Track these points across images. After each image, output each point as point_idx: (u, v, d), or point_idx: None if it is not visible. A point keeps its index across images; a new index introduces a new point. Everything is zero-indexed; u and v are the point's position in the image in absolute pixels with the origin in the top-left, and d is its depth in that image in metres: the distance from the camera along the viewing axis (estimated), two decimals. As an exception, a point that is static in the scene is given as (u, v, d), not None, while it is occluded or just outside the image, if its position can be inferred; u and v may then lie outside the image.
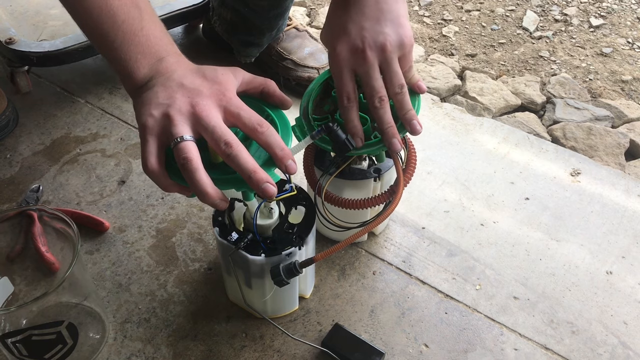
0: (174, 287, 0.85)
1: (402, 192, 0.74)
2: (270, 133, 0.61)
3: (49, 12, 1.19)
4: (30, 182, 1.00)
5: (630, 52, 1.55)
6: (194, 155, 0.58)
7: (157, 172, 0.61)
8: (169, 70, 0.64)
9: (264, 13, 1.12)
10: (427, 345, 0.79)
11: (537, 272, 0.88)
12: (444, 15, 1.70)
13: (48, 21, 1.16)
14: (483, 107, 1.32)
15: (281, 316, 0.81)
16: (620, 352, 0.79)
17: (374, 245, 0.91)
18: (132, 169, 1.03)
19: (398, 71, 0.71)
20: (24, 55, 1.07)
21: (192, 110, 0.60)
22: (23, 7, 1.19)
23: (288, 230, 0.72)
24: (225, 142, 0.59)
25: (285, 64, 1.19)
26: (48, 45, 1.08)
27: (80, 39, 1.09)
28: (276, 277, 0.69)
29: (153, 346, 0.78)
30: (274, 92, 0.69)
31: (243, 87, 0.67)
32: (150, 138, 0.60)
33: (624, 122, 1.31)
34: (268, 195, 0.59)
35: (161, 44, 0.66)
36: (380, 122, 0.71)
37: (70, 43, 1.08)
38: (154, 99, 0.62)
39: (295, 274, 0.69)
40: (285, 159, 0.61)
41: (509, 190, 1.01)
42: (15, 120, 1.11)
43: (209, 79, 0.63)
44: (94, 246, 0.90)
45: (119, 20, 0.64)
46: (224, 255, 0.74)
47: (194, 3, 1.21)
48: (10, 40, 1.07)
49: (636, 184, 1.03)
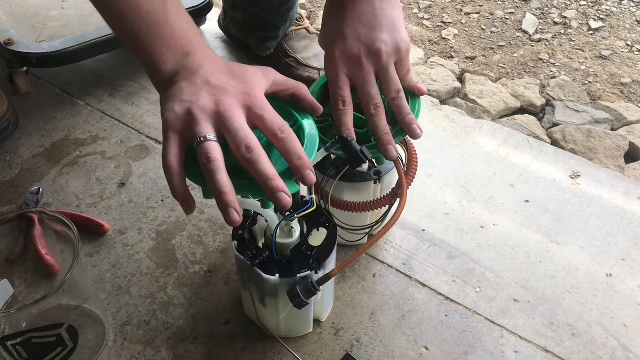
0: (174, 290, 0.85)
1: (406, 193, 0.74)
2: (290, 140, 0.59)
3: (49, 14, 1.19)
4: (30, 184, 1.00)
5: (629, 54, 1.55)
6: (218, 156, 0.56)
7: (174, 170, 0.58)
8: (196, 65, 0.62)
9: (276, 10, 1.14)
10: (427, 348, 0.79)
11: (537, 274, 0.88)
12: (444, 18, 1.70)
13: (47, 22, 1.16)
14: (483, 109, 1.32)
15: (294, 337, 0.80)
16: (621, 354, 0.79)
17: (374, 248, 0.91)
18: (132, 171, 1.03)
19: (395, 77, 0.71)
20: (23, 56, 1.07)
21: (215, 109, 0.58)
22: (23, 9, 1.19)
23: (307, 252, 0.70)
24: (247, 146, 0.56)
25: (288, 61, 1.21)
26: (47, 46, 1.08)
27: (79, 40, 1.09)
28: (295, 299, 0.67)
29: (153, 349, 0.78)
30: (305, 96, 0.66)
31: (273, 89, 0.65)
32: (171, 135, 0.59)
33: (624, 125, 1.31)
34: (282, 205, 0.56)
35: (187, 37, 0.64)
36: (375, 130, 0.71)
37: (69, 44, 1.08)
38: (178, 95, 0.60)
39: (314, 293, 0.67)
40: (302, 168, 0.58)
41: (508, 193, 1.01)
42: (15, 123, 1.11)
43: (237, 77, 0.61)
44: (94, 249, 0.90)
45: (143, 11, 0.61)
46: (239, 270, 0.73)
47: (193, 5, 1.21)
48: (9, 41, 1.07)
49: (636, 186, 1.03)
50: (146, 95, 1.21)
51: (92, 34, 1.10)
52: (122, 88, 1.22)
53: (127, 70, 1.27)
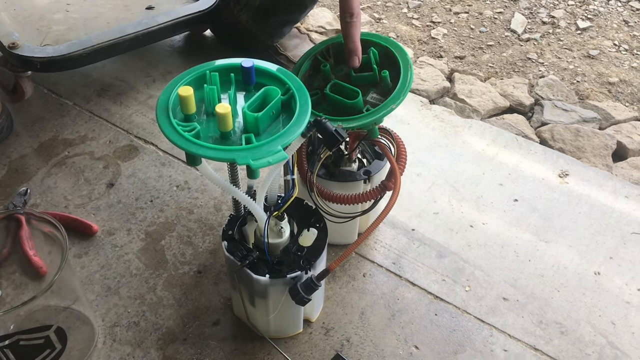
0: (164, 291, 0.85)
1: (400, 179, 0.74)
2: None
3: (53, 17, 1.17)
4: (18, 185, 1.00)
5: (616, 54, 1.56)
6: None
7: None
8: None
9: None
10: (417, 347, 0.79)
11: (526, 273, 0.89)
12: (433, 17, 1.71)
13: (52, 26, 1.14)
14: (472, 109, 1.32)
15: (284, 337, 0.80)
16: (609, 352, 0.79)
17: (364, 247, 0.91)
18: (120, 171, 1.03)
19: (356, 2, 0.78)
20: (27, 60, 1.04)
21: None
22: (27, 11, 1.17)
23: (297, 253, 0.70)
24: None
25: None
26: (52, 50, 1.05)
27: (85, 44, 1.06)
28: (296, 296, 0.67)
29: (142, 350, 0.78)
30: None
31: None
32: None
33: (611, 124, 1.32)
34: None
35: None
36: (346, 38, 0.75)
37: (75, 48, 1.06)
38: None
39: (315, 289, 0.67)
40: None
41: (497, 192, 1.01)
42: (9, 128, 1.09)
43: None
44: (83, 249, 0.90)
45: None
46: (229, 270, 0.73)
47: (199, 10, 1.20)
48: (14, 45, 1.04)
49: (623, 185, 1.04)
50: (135, 95, 1.20)
51: (97, 37, 1.08)
52: (111, 88, 1.22)
53: (115, 70, 1.26)
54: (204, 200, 0.97)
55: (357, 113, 0.72)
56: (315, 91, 0.76)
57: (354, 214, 0.80)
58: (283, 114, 0.63)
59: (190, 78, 0.64)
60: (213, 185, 1.00)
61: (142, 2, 1.23)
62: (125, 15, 1.19)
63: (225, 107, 0.58)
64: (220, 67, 0.65)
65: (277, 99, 0.62)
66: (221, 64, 0.66)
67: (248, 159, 0.56)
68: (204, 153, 0.57)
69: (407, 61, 0.74)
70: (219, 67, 0.65)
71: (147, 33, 1.12)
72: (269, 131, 0.61)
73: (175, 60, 1.30)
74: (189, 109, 0.61)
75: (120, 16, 1.19)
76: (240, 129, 0.61)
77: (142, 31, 1.11)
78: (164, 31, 1.15)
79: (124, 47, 1.11)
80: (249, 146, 0.57)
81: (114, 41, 1.09)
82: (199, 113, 0.62)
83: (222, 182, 0.63)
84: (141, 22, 1.13)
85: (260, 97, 0.62)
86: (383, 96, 0.74)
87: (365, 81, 0.76)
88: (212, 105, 0.61)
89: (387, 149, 0.76)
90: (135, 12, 1.20)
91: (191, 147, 0.57)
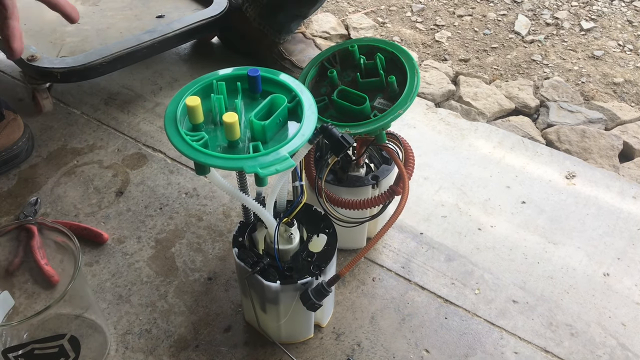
0: (175, 298, 0.85)
1: (408, 184, 0.74)
2: None
3: (65, 29, 1.18)
4: (28, 194, 1.00)
5: (621, 54, 1.56)
6: None
7: None
8: None
9: None
10: (427, 351, 0.79)
11: (535, 275, 0.89)
12: (437, 20, 1.71)
13: (65, 38, 1.16)
14: (477, 111, 1.33)
15: (295, 343, 0.80)
16: (620, 353, 0.80)
17: (373, 252, 0.92)
18: (129, 179, 1.03)
19: None
20: (47, 71, 1.05)
21: None
22: (38, 25, 1.18)
23: (307, 259, 0.71)
24: None
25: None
26: (71, 60, 1.06)
27: (103, 53, 1.08)
28: (307, 302, 0.68)
29: (155, 357, 0.78)
30: None
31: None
32: None
33: (617, 125, 1.32)
34: None
35: None
36: None
37: (94, 58, 1.07)
38: None
39: (326, 294, 0.68)
40: None
41: (505, 194, 1.01)
42: (28, 151, 1.08)
43: None
44: (93, 258, 0.91)
45: None
46: (240, 277, 0.74)
47: (211, 15, 1.20)
48: (33, 58, 1.05)
49: (630, 185, 1.04)
50: (142, 103, 1.21)
51: (115, 46, 1.10)
52: (118, 96, 1.23)
53: (122, 79, 1.27)
54: (212, 207, 0.98)
55: (365, 119, 0.73)
56: (323, 97, 0.77)
57: (362, 219, 0.80)
58: (290, 121, 0.64)
59: (197, 88, 0.65)
60: (221, 192, 1.00)
61: (152, 12, 1.25)
62: (136, 24, 1.21)
63: (233, 116, 0.58)
64: (227, 76, 0.66)
65: (283, 107, 0.62)
66: (227, 73, 0.66)
67: (256, 167, 0.57)
68: (212, 162, 0.58)
69: (413, 66, 0.74)
70: (225, 77, 0.66)
71: (162, 40, 1.14)
72: (276, 139, 0.62)
73: (181, 68, 1.31)
74: (197, 118, 0.61)
75: (132, 25, 1.20)
76: (247, 137, 0.61)
77: (157, 38, 1.13)
78: (178, 38, 1.17)
79: (140, 55, 1.12)
80: (256, 154, 0.58)
81: (132, 49, 1.10)
82: (207, 122, 0.63)
83: (231, 189, 0.64)
84: (156, 29, 1.14)
85: (267, 105, 0.63)
86: (390, 101, 0.74)
87: (372, 87, 0.76)
88: (220, 114, 0.62)
89: (395, 153, 0.76)
90: (146, 21, 1.22)
91: (200, 156, 0.58)
